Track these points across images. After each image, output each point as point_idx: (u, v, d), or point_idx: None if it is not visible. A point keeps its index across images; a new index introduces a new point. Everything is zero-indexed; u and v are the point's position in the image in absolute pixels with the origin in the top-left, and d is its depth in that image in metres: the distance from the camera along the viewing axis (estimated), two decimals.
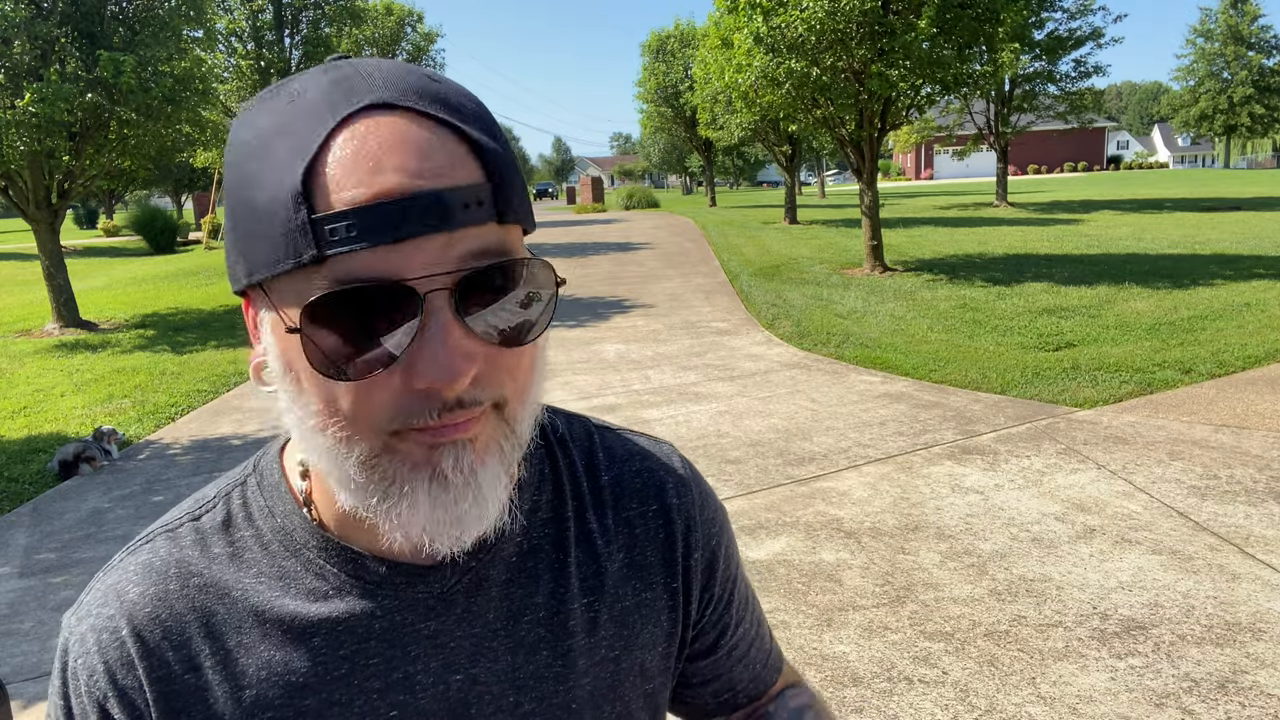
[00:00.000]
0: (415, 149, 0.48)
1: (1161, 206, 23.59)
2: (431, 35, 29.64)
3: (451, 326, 0.48)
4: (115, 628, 0.57)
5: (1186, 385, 5.89)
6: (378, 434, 0.50)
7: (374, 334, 0.48)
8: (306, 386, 0.51)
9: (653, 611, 0.65)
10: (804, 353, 7.65)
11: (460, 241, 0.48)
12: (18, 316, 12.56)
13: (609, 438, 0.69)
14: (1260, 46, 53.97)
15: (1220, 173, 54.49)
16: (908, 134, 32.92)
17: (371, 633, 0.58)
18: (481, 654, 0.60)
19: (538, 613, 0.61)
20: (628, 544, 0.65)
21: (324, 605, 0.58)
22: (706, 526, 0.69)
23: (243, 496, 0.62)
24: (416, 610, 0.58)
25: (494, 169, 0.50)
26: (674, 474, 0.69)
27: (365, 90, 0.49)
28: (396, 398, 0.49)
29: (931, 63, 10.33)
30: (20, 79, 9.22)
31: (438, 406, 0.49)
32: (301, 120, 0.49)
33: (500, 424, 0.53)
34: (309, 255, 0.47)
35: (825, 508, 4.14)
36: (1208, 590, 3.19)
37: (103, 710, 0.57)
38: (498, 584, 0.60)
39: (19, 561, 4.13)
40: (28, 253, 21.41)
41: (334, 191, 0.47)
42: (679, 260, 15.62)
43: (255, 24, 18.25)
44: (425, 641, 0.58)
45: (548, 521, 0.63)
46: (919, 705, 2.61)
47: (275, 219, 0.48)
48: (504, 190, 0.50)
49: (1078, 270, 11.66)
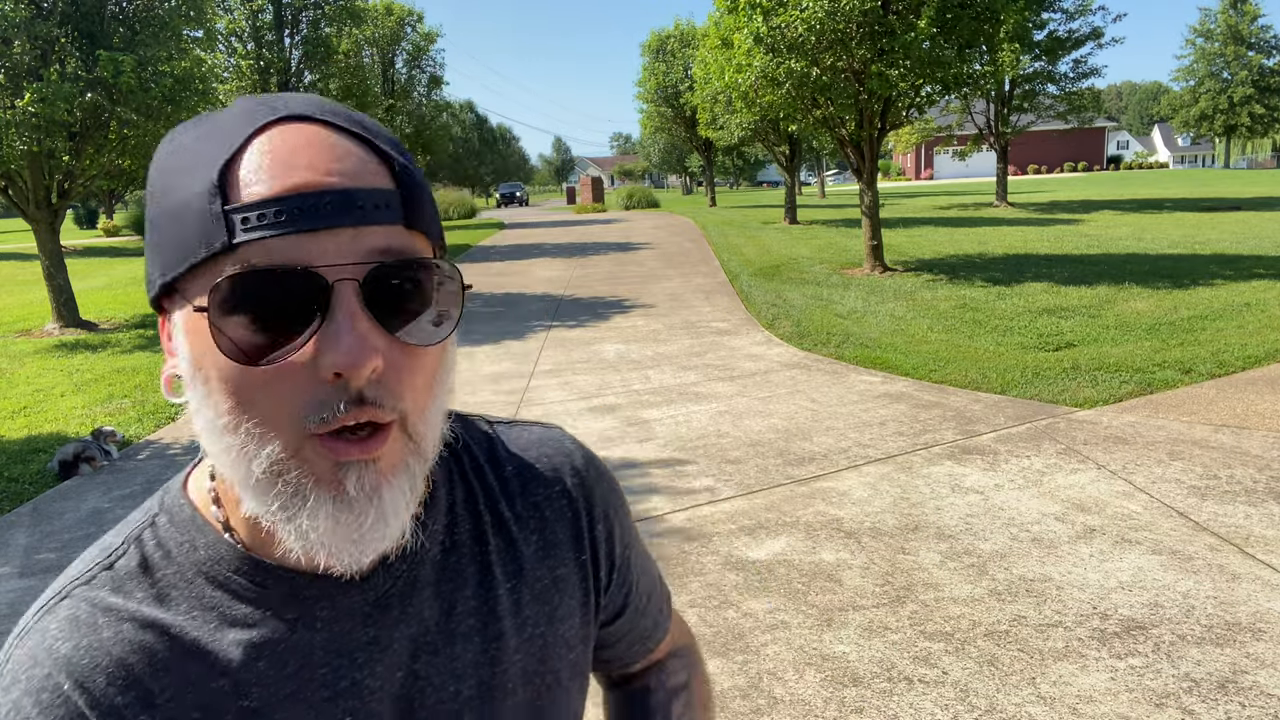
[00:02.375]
0: (327, 152, 0.51)
1: (1161, 206, 23.59)
2: (431, 35, 29.64)
3: (358, 315, 0.50)
4: (55, 686, 0.54)
5: (1186, 385, 5.89)
6: (288, 431, 0.51)
7: (282, 320, 0.49)
8: (215, 384, 0.51)
9: (568, 585, 0.70)
10: (804, 353, 7.65)
11: (368, 237, 0.51)
12: (18, 316, 12.56)
13: (504, 431, 0.74)
14: (1260, 46, 53.95)
15: (1220, 173, 54.49)
16: (908, 134, 32.92)
17: (314, 646, 0.59)
18: (421, 651, 0.62)
19: (468, 604, 0.64)
20: (539, 526, 0.69)
21: (264, 629, 0.58)
22: (604, 499, 0.74)
23: (155, 537, 0.60)
24: (355, 619, 0.60)
25: (402, 180, 0.53)
26: (570, 456, 0.74)
27: (283, 107, 0.53)
28: (304, 388, 0.50)
29: (931, 63, 10.33)
30: (20, 79, 9.21)
31: (344, 398, 0.50)
32: (221, 131, 0.52)
33: (406, 442, 0.54)
34: (220, 242, 0.49)
35: (825, 508, 4.14)
36: (1208, 590, 3.19)
37: None
38: (429, 583, 0.63)
39: (19, 561, 4.13)
40: (28, 253, 21.42)
41: (247, 186, 0.50)
42: (679, 260, 15.62)
43: (255, 24, 18.25)
44: (367, 648, 0.60)
45: (464, 517, 0.67)
46: (919, 705, 2.61)
47: (190, 214, 0.50)
48: (412, 199, 0.53)
49: (1078, 270, 11.66)
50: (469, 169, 65.28)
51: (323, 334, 0.49)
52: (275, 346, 0.50)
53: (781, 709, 2.63)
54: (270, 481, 0.52)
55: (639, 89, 32.26)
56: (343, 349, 0.49)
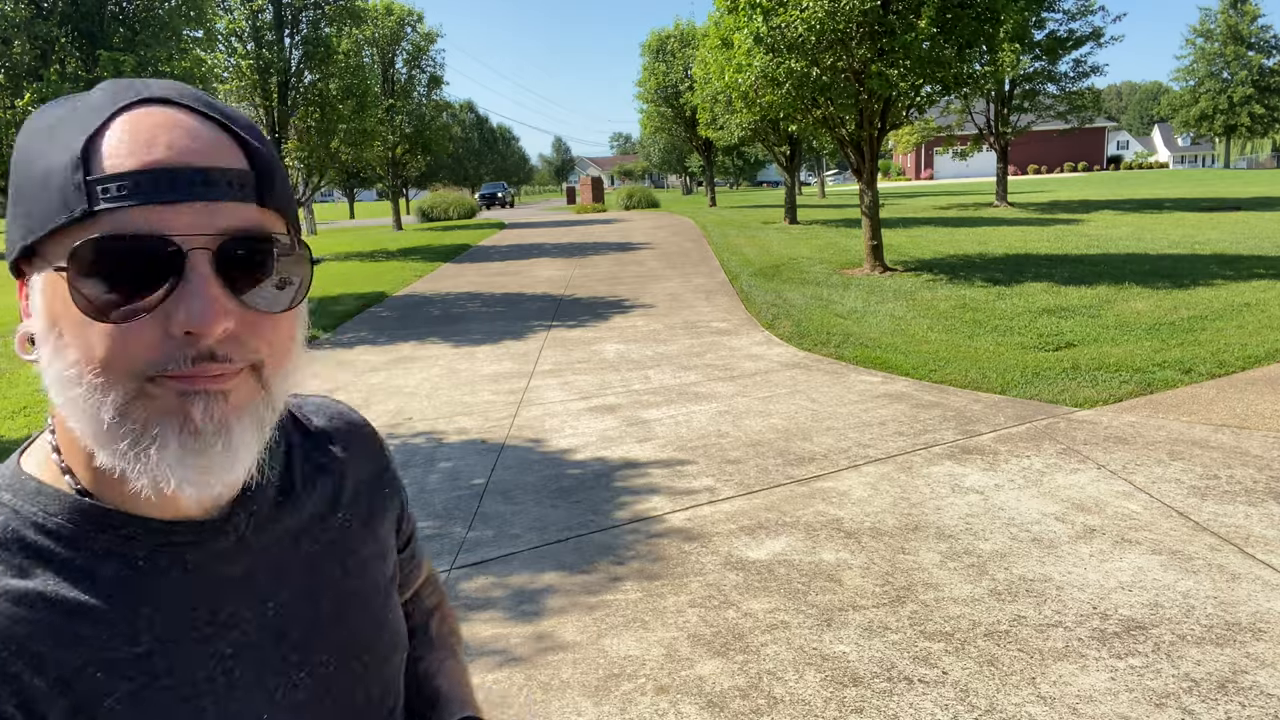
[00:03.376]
0: (186, 133, 0.56)
1: (1161, 206, 23.59)
2: (431, 35, 29.65)
3: (210, 281, 0.54)
4: None
5: (1186, 385, 5.89)
6: (132, 379, 0.54)
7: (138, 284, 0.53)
8: (67, 338, 0.55)
9: (381, 511, 0.81)
10: (804, 353, 7.65)
11: (222, 213, 0.55)
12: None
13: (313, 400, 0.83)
14: (1260, 46, 53.95)
15: (1220, 173, 54.49)
16: (908, 134, 32.92)
17: (189, 587, 0.63)
18: (282, 582, 0.68)
19: (313, 533, 0.72)
20: (354, 467, 0.79)
21: (136, 578, 0.61)
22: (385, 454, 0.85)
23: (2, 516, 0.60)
24: (220, 559, 0.64)
25: (257, 162, 0.58)
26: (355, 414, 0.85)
27: (144, 90, 0.57)
28: (153, 345, 0.54)
29: (931, 62, 10.33)
30: (20, 79, 9.22)
31: (191, 354, 0.54)
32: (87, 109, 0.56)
33: (256, 385, 0.59)
34: (80, 209, 0.53)
35: (825, 508, 4.14)
36: (1208, 590, 3.19)
37: None
38: (277, 520, 0.69)
39: None
40: None
41: (109, 159, 0.54)
42: (679, 260, 15.62)
43: (255, 24, 18.25)
44: (237, 583, 0.65)
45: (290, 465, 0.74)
46: (919, 705, 2.61)
47: (52, 183, 0.54)
48: (266, 180, 0.58)
49: (1078, 270, 11.66)
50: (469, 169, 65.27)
51: (176, 296, 0.53)
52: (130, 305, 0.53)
53: (781, 709, 2.64)
54: (119, 424, 0.54)
55: (639, 89, 32.28)
56: (196, 310, 0.53)
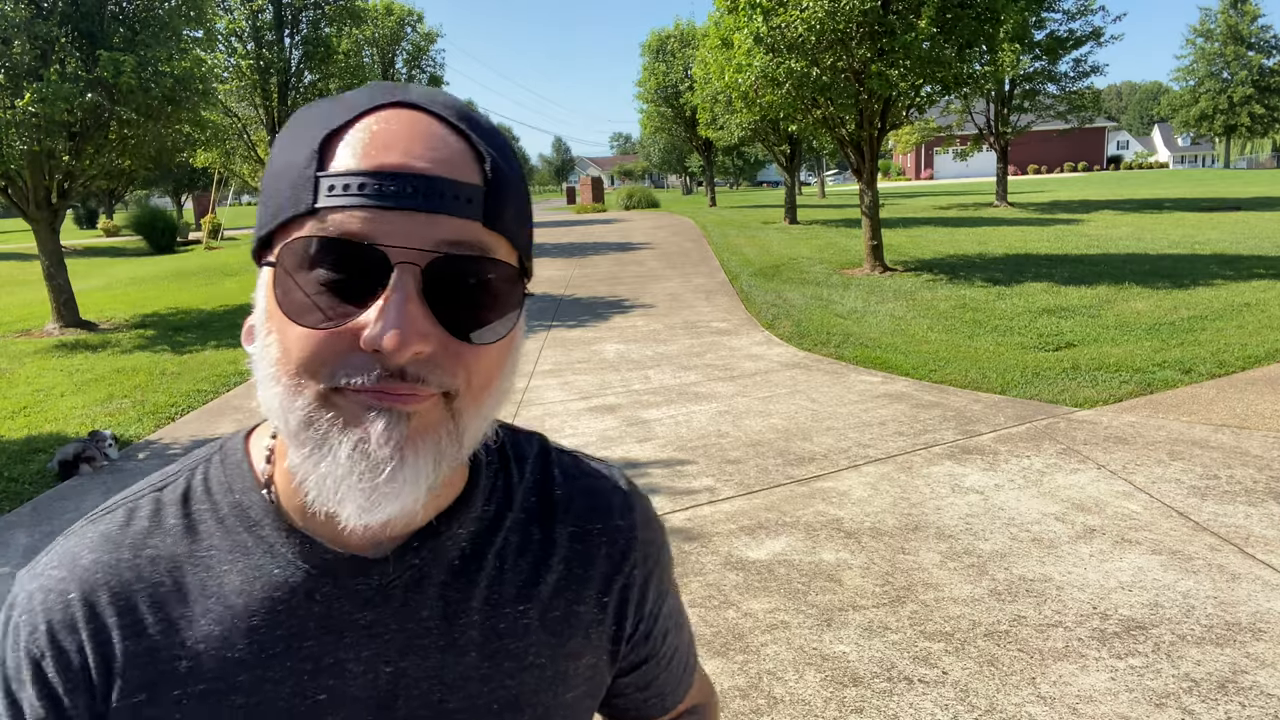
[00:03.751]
0: (423, 139, 0.53)
1: (1161, 206, 23.58)
2: (431, 35, 29.64)
3: (412, 300, 0.51)
4: (64, 590, 0.59)
5: (1186, 385, 5.89)
6: (319, 386, 0.52)
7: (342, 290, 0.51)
8: (275, 336, 0.54)
9: (582, 624, 0.68)
10: (804, 353, 7.65)
11: (441, 226, 0.52)
12: (18, 316, 12.56)
13: (562, 458, 0.73)
14: (1260, 46, 53.94)
15: (1220, 173, 54.48)
16: (908, 134, 32.91)
17: (310, 616, 0.60)
18: (413, 649, 0.61)
19: (472, 615, 0.63)
20: (568, 558, 0.68)
21: (267, 584, 0.60)
22: (645, 548, 0.72)
23: (205, 472, 0.64)
24: (355, 600, 0.60)
25: (494, 181, 0.54)
26: (620, 495, 0.72)
27: (402, 94, 0.55)
28: (343, 354, 0.51)
29: (931, 62, 10.33)
30: (20, 79, 9.21)
31: (378, 370, 0.51)
32: (341, 107, 0.55)
33: (445, 414, 0.54)
34: (305, 204, 0.52)
35: (825, 508, 4.14)
36: (1208, 590, 3.19)
37: (37, 666, 0.58)
38: (436, 583, 0.62)
39: (19, 561, 4.13)
40: (28, 253, 21.41)
41: (343, 157, 0.52)
42: (679, 260, 15.62)
43: (255, 24, 18.24)
44: (360, 631, 0.60)
45: (492, 529, 0.65)
46: (919, 705, 2.61)
47: (289, 176, 0.53)
48: (498, 200, 0.54)
49: (1078, 270, 11.65)
50: None
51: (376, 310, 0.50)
52: (329, 310, 0.51)
53: (781, 709, 2.63)
54: (303, 429, 0.53)
55: (639, 89, 32.26)
56: (388, 329, 0.49)
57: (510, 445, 0.70)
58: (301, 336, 0.52)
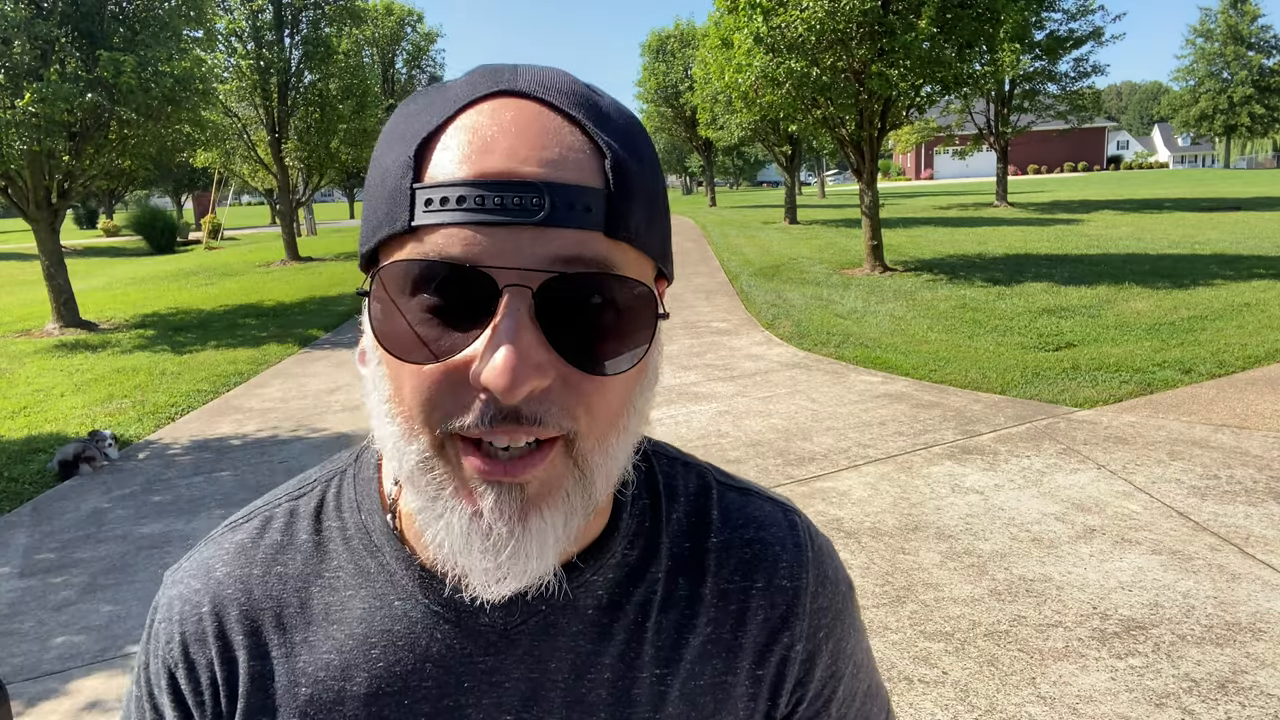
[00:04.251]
0: (532, 137, 0.46)
1: (1161, 206, 23.59)
2: (431, 35, 29.68)
3: (524, 329, 0.44)
4: (198, 602, 0.58)
5: (1186, 385, 5.89)
6: (435, 429, 0.47)
7: (448, 319, 0.45)
8: (384, 368, 0.49)
9: (730, 697, 0.59)
10: (804, 353, 7.65)
11: (554, 241, 0.45)
12: (18, 316, 12.56)
13: (729, 498, 0.63)
14: (1260, 46, 53.95)
15: (1220, 173, 54.49)
16: (908, 134, 32.92)
17: (429, 655, 0.56)
18: (537, 701, 0.56)
19: (603, 673, 0.57)
20: (718, 618, 0.59)
21: (388, 615, 0.56)
22: (816, 616, 0.61)
23: (338, 485, 0.62)
24: (477, 641, 0.56)
25: (617, 180, 0.46)
26: (791, 551, 0.61)
27: (507, 80, 0.48)
28: (453, 391, 0.46)
29: (931, 62, 10.33)
30: (20, 79, 9.21)
31: (491, 412, 0.45)
32: (441, 100, 0.48)
33: (567, 465, 0.48)
34: (401, 222, 0.46)
35: (825, 508, 4.14)
36: (1208, 590, 3.19)
37: (171, 676, 0.58)
38: (567, 634, 0.56)
39: (19, 561, 4.13)
40: (28, 253, 21.41)
41: (441, 165, 0.46)
42: (679, 260, 15.62)
43: (255, 24, 18.24)
44: (481, 676, 0.56)
45: (635, 579, 0.58)
46: (919, 705, 2.61)
47: (386, 187, 0.47)
48: (623, 203, 0.46)
49: (1078, 270, 11.65)
50: None
51: (483, 341, 0.44)
52: (436, 344, 0.45)
53: None
54: (419, 475, 0.48)
55: (639, 89, 32.27)
56: (497, 366, 0.43)
57: (664, 479, 0.62)
58: (411, 375, 0.46)
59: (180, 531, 4.34)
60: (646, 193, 0.48)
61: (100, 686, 3.01)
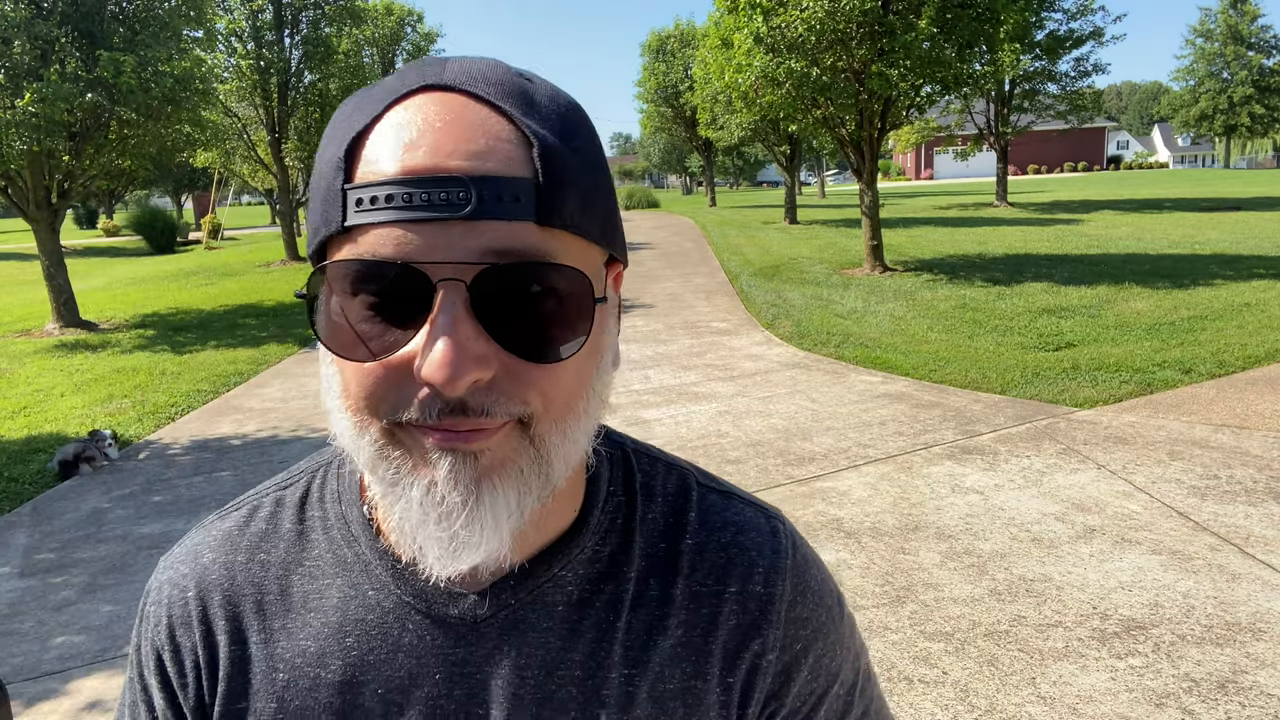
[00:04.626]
0: (457, 130, 0.46)
1: (1161, 206, 23.59)
2: (431, 35, 29.66)
3: (461, 322, 0.44)
4: (184, 587, 0.60)
5: (1186, 385, 5.89)
6: (381, 422, 0.48)
7: (389, 316, 0.46)
8: (333, 366, 0.50)
9: (701, 704, 0.57)
10: (804, 353, 7.65)
11: (484, 233, 0.45)
12: (18, 316, 12.56)
13: (710, 500, 0.62)
14: (1260, 46, 53.96)
15: (1220, 173, 54.49)
16: (908, 134, 32.92)
17: (401, 645, 0.56)
18: (507, 697, 0.56)
19: (572, 670, 0.56)
20: (689, 621, 0.58)
21: (362, 604, 0.58)
22: (793, 626, 0.59)
23: (324, 477, 0.63)
24: (448, 633, 0.56)
25: (548, 168, 0.46)
26: (769, 557, 0.60)
27: (434, 75, 0.48)
28: (399, 388, 0.46)
29: (931, 62, 10.33)
30: (20, 79, 9.21)
31: (438, 405, 0.46)
32: (369, 100, 0.49)
33: (523, 443, 0.48)
34: (336, 223, 0.46)
35: (825, 508, 4.14)
36: (1208, 590, 3.19)
37: (159, 658, 0.60)
38: (537, 629, 0.56)
39: (19, 561, 4.13)
40: (28, 253, 21.41)
41: (369, 164, 0.46)
42: (679, 260, 15.62)
43: (255, 24, 18.24)
44: (452, 668, 0.56)
45: (606, 576, 0.58)
46: (919, 705, 2.61)
47: (322, 188, 0.48)
48: (553, 192, 0.46)
49: (1078, 270, 11.66)
50: None
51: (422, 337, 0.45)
52: (376, 342, 0.46)
53: None
54: (378, 464, 0.49)
55: (639, 89, 32.26)
56: (435, 360, 0.44)
57: (642, 477, 0.62)
58: (356, 372, 0.47)
59: (180, 531, 4.34)
60: (582, 179, 0.48)
61: (100, 686, 3.01)
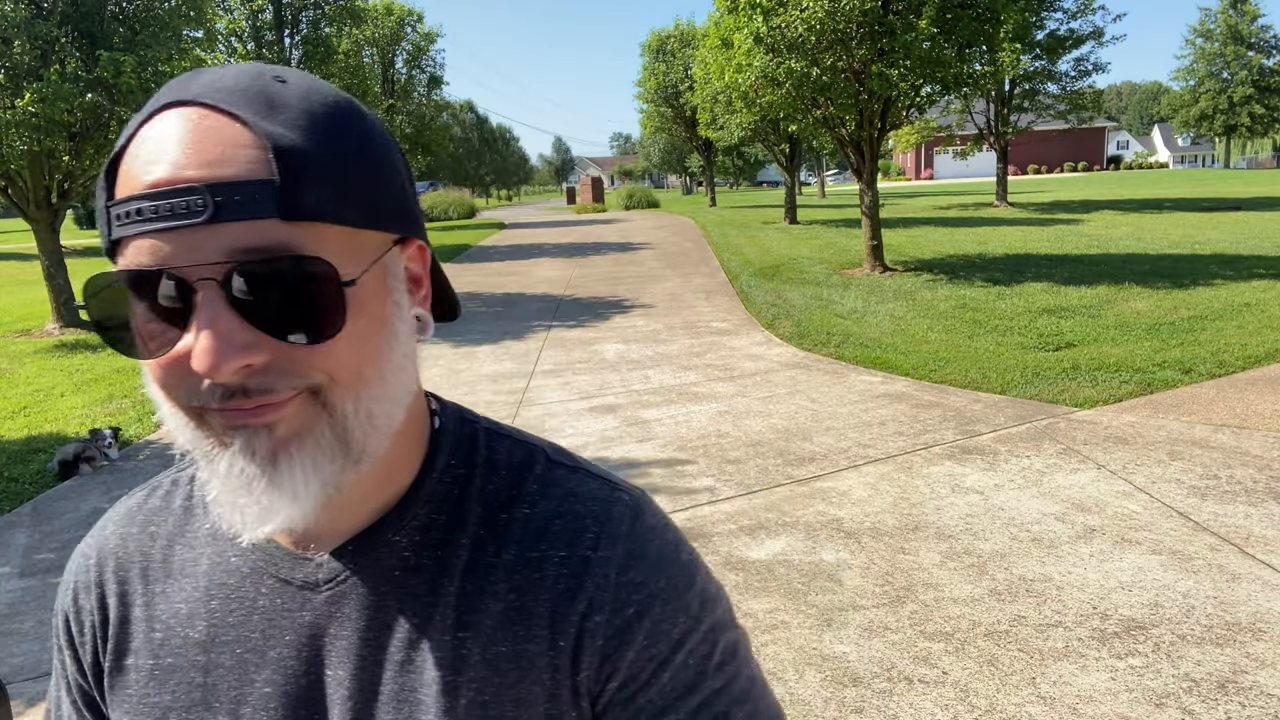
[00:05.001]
0: (191, 142, 0.49)
1: (1161, 206, 23.58)
2: (431, 35, 29.65)
3: (220, 317, 0.48)
4: (88, 554, 0.68)
5: (1186, 385, 5.89)
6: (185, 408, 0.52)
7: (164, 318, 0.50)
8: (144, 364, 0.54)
9: (532, 666, 0.58)
10: (804, 353, 7.65)
11: (227, 235, 0.48)
12: (18, 316, 12.56)
13: (556, 474, 0.63)
14: (1260, 46, 53.95)
15: (1220, 173, 54.48)
16: (908, 134, 32.91)
17: (256, 607, 0.61)
18: (349, 657, 0.59)
19: (407, 633, 0.59)
20: (520, 586, 0.59)
21: (225, 569, 0.63)
22: (624, 590, 0.59)
23: None
24: (294, 597, 0.61)
25: (285, 166, 0.48)
26: (601, 523, 0.60)
27: (181, 90, 0.51)
28: (186, 377, 0.50)
29: (932, 62, 10.33)
30: (20, 79, 9.21)
31: (219, 391, 0.50)
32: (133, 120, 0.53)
33: (317, 410, 0.52)
34: (106, 240, 0.52)
35: (825, 508, 4.14)
36: (1208, 590, 3.19)
37: (66, 620, 0.67)
38: (375, 593, 0.59)
39: (19, 561, 4.13)
40: (28, 253, 21.41)
41: (124, 181, 0.50)
42: (679, 260, 15.62)
43: (255, 24, 18.25)
44: (301, 630, 0.60)
45: (440, 544, 0.60)
46: (919, 705, 2.61)
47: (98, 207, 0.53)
48: (297, 188, 0.49)
49: (1078, 270, 11.66)
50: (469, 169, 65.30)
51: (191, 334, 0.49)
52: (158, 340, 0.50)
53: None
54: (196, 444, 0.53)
55: (639, 89, 32.26)
56: (199, 353, 0.48)
57: (487, 453, 0.64)
58: (153, 368, 0.52)
59: None
60: (332, 170, 0.50)
61: None
